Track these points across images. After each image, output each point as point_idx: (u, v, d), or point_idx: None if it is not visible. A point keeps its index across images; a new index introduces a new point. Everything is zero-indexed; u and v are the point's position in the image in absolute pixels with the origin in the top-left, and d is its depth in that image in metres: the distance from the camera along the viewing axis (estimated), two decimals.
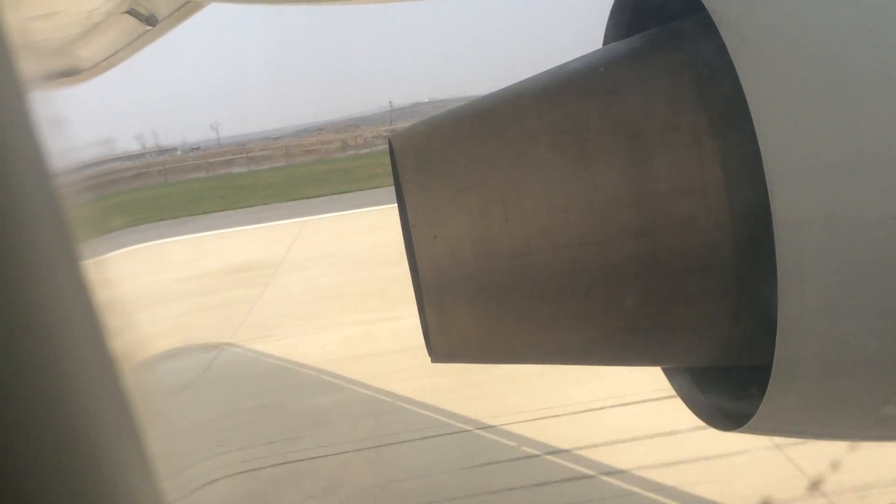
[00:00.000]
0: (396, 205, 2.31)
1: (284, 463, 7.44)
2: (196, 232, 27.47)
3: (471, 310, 2.07)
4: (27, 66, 0.55)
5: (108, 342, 0.62)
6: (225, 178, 54.80)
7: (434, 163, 2.07)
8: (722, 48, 1.86)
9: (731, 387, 2.37)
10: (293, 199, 34.41)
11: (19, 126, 0.56)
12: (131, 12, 4.43)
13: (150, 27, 4.49)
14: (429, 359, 2.21)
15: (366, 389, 9.13)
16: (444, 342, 2.10)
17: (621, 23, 2.46)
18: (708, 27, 1.92)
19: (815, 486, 5.66)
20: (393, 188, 2.27)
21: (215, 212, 34.03)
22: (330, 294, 14.64)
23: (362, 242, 19.36)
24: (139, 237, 26.75)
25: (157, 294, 16.36)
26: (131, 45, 5.28)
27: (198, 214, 34.10)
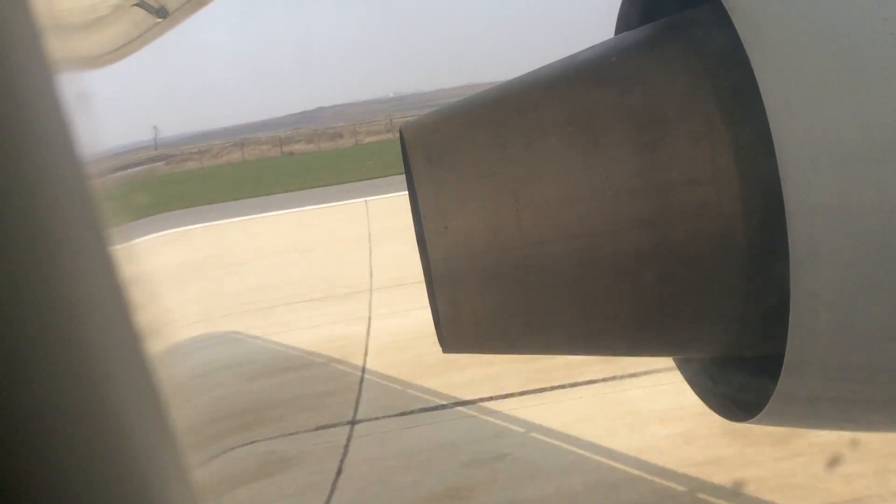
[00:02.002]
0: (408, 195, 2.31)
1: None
2: None
3: (482, 300, 2.07)
4: (56, 47, 0.56)
5: (136, 328, 0.62)
6: None
7: (445, 153, 2.07)
8: (734, 37, 1.84)
9: (743, 377, 2.37)
10: None
11: (47, 108, 0.56)
12: (141, 4, 4.43)
13: (160, 19, 4.50)
14: None
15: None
16: (455, 332, 2.10)
17: (633, 12, 2.45)
18: (720, 16, 1.91)
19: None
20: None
21: None
22: None
23: None
24: None
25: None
26: (141, 38, 5.28)
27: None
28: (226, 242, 22.67)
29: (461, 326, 2.10)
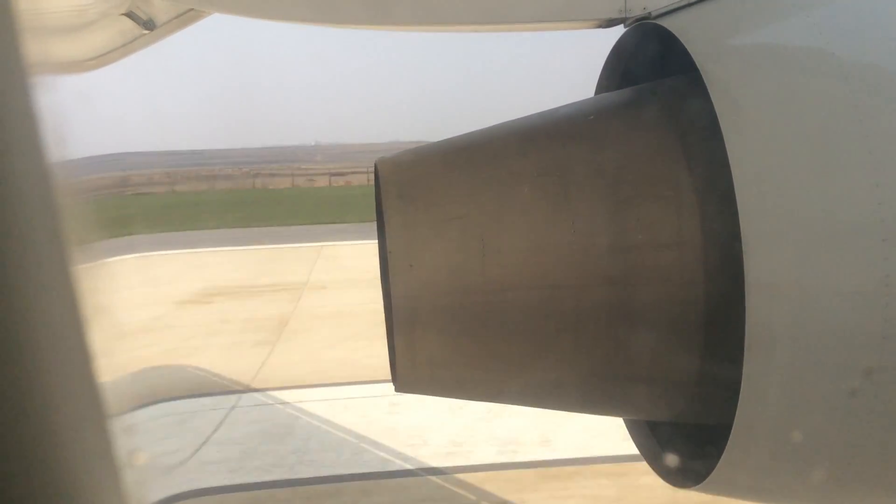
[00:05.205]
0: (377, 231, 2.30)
1: None
2: None
3: (439, 341, 2.06)
4: (30, 56, 0.55)
5: (89, 347, 0.61)
6: None
7: (418, 192, 2.07)
8: (710, 109, 1.89)
9: (691, 444, 2.37)
10: None
11: (19, 119, 0.55)
12: (129, 15, 4.42)
13: (147, 31, 4.48)
14: None
15: None
16: (410, 372, 2.08)
17: (614, 74, 2.51)
18: (697, 87, 1.96)
19: None
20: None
21: None
22: None
23: None
24: None
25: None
26: (126, 47, 5.25)
27: None
28: None
29: (417, 367, 2.07)
